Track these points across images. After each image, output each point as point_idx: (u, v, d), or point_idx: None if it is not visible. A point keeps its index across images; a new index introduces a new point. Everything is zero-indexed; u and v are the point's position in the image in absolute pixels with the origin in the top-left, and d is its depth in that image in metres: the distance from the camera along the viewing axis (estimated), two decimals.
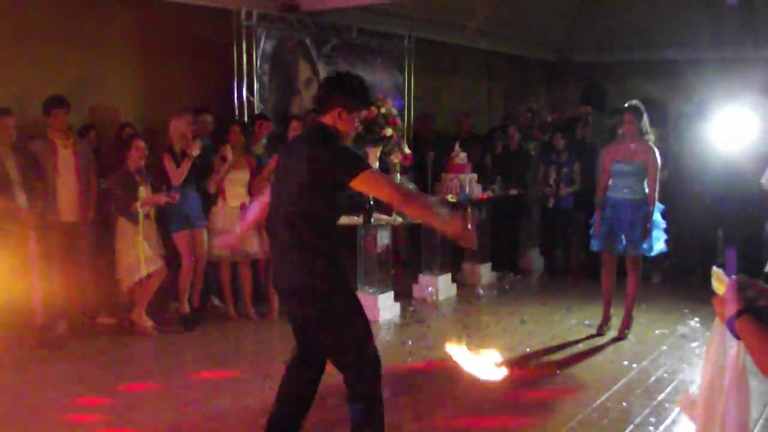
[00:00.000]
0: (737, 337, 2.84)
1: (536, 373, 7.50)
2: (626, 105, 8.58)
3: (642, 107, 8.43)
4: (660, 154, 8.43)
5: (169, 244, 8.86)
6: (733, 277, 2.94)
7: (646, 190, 8.38)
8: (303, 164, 4.69)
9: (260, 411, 6.31)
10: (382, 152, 9.57)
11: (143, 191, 8.42)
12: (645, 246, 8.41)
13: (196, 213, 8.92)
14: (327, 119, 4.83)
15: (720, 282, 2.98)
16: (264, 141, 9.96)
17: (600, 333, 8.71)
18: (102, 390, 6.85)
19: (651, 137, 8.50)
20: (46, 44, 9.22)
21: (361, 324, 4.83)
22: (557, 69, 18.05)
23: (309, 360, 5.06)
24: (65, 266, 8.48)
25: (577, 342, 8.50)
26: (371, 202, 9.15)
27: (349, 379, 4.79)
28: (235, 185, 9.13)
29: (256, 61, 10.72)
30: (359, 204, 8.89)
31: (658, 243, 8.50)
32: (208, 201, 9.21)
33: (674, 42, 15.53)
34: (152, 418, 6.18)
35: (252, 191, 9.18)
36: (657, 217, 8.45)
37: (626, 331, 8.66)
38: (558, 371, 7.50)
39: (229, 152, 9.08)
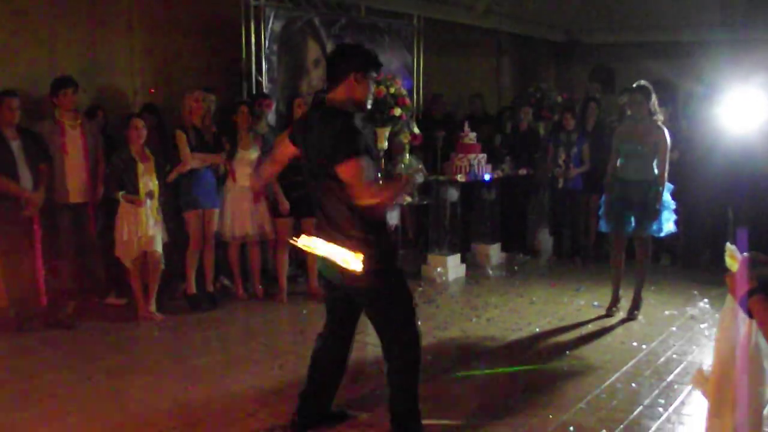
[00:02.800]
0: (749, 314, 2.82)
1: (545, 354, 7.49)
2: (634, 85, 8.54)
3: (650, 87, 8.37)
4: (670, 135, 8.39)
5: (181, 223, 8.87)
6: (746, 254, 2.92)
7: (656, 171, 8.34)
8: (323, 140, 4.82)
9: (269, 390, 6.34)
10: (391, 132, 9.53)
11: (143, 170, 8.40)
12: (654, 227, 8.38)
13: (208, 193, 8.90)
14: (340, 91, 4.93)
15: (733, 259, 2.96)
16: (267, 120, 9.96)
17: (609, 314, 8.69)
18: (111, 371, 6.86)
19: (660, 117, 8.45)
20: (52, 24, 9.19)
21: (407, 298, 5.10)
22: (566, 50, 18.00)
23: (340, 331, 5.36)
24: (74, 247, 8.49)
25: (586, 323, 8.48)
26: (380, 182, 9.12)
27: (390, 352, 5.08)
28: (245, 165, 9.11)
29: (265, 41, 10.67)
30: None
31: (668, 224, 8.47)
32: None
33: (684, 23, 15.47)
34: (161, 399, 6.18)
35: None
36: (667, 197, 8.42)
37: (635, 312, 8.64)
38: (567, 352, 7.49)
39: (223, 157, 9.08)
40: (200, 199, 8.82)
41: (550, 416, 5.83)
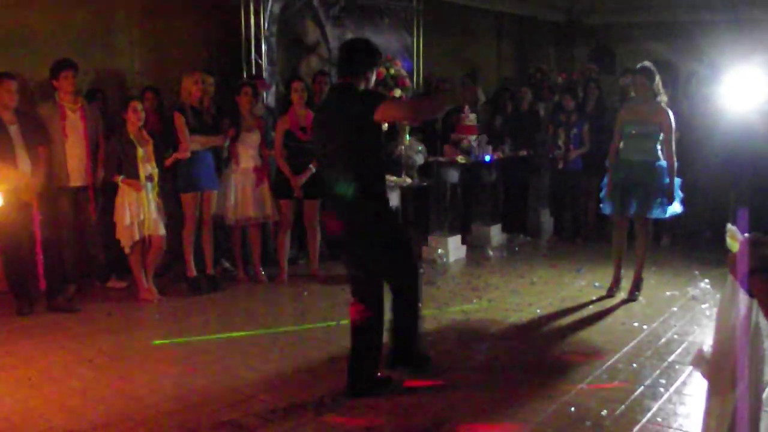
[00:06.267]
0: (751, 294, 2.82)
1: (546, 335, 7.49)
2: (638, 66, 8.50)
3: (654, 68, 8.34)
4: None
5: (177, 205, 8.88)
6: (748, 234, 2.91)
7: (659, 152, 8.32)
8: (342, 116, 5.58)
9: (271, 372, 6.35)
10: None
11: (143, 153, 8.40)
12: (660, 208, 8.33)
13: (207, 175, 8.89)
14: (358, 82, 5.70)
15: (734, 239, 2.96)
16: (263, 102, 9.96)
17: (610, 295, 8.69)
18: (112, 353, 6.88)
19: (664, 99, 8.41)
20: (51, 7, 9.16)
21: (390, 234, 5.84)
22: (567, 30, 17.95)
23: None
24: (74, 231, 8.48)
25: (587, 304, 8.49)
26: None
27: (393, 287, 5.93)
28: (248, 147, 9.11)
29: (264, 23, 10.65)
30: None
31: (674, 205, 8.43)
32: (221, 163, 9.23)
33: (684, 3, 15.41)
34: (162, 381, 6.19)
35: (262, 153, 9.20)
36: (673, 179, 8.37)
37: (636, 293, 8.64)
38: (568, 333, 7.49)
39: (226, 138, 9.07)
40: (199, 181, 8.81)
41: (551, 396, 5.84)
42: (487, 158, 11.03)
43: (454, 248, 10.70)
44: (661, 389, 5.97)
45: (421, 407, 5.66)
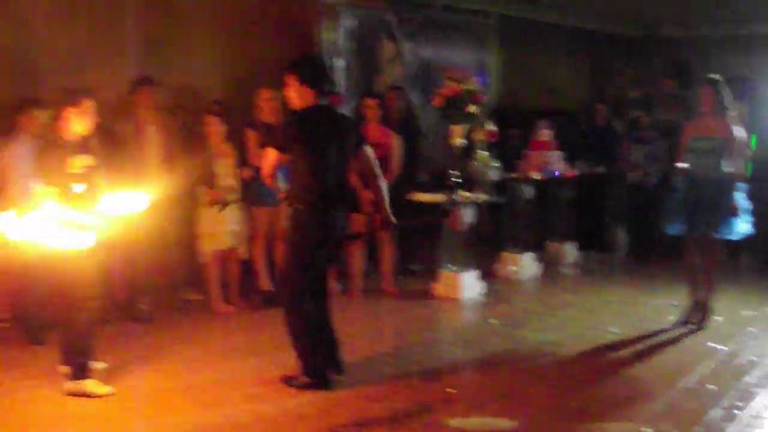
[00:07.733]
0: None
1: (622, 354, 7.41)
2: (704, 78, 8.35)
3: (721, 81, 8.16)
4: (747, 131, 8.14)
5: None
6: None
7: (725, 168, 8.07)
8: (348, 133, 6.48)
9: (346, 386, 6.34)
10: (469, 129, 9.46)
11: (222, 166, 8.52)
12: (727, 228, 8.10)
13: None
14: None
15: None
16: None
17: (687, 321, 8.28)
18: (187, 364, 6.95)
19: (732, 113, 8.20)
20: (134, 25, 9.33)
21: None
22: (642, 44, 17.78)
23: (316, 289, 6.60)
24: (150, 243, 8.59)
25: (663, 323, 8.37)
26: (458, 179, 9.14)
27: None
28: None
29: (339, 40, 10.73)
30: (443, 181, 8.99)
31: (742, 225, 8.13)
32: None
33: (764, 17, 15.16)
34: (234, 394, 6.22)
35: None
36: (741, 197, 8.07)
37: (705, 322, 8.21)
38: (644, 352, 7.41)
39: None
40: (271, 196, 8.86)
41: (627, 417, 5.78)
42: (556, 173, 10.97)
43: (527, 265, 10.65)
44: (738, 412, 5.88)
45: None
